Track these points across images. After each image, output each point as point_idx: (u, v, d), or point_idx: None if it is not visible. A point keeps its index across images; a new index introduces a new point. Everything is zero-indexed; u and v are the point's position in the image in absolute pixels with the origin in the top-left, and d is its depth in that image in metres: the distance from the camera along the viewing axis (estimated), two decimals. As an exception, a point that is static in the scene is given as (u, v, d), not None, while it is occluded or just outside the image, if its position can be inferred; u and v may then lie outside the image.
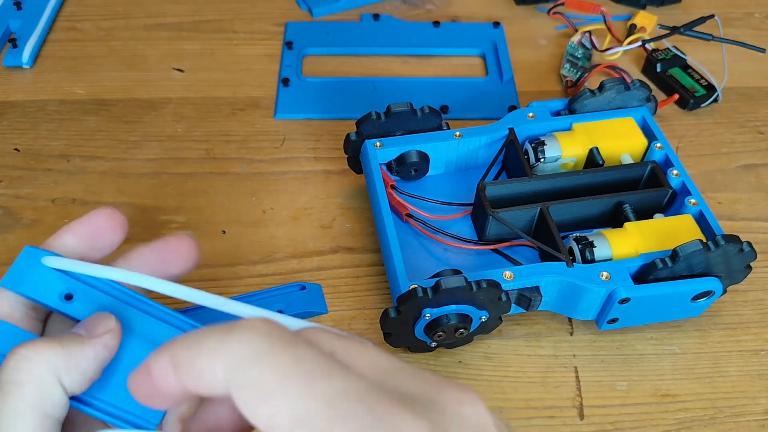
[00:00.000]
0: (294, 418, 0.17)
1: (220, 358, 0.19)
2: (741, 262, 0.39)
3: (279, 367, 0.18)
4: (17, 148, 0.51)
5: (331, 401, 0.17)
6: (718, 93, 0.55)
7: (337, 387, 0.18)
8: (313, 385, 0.18)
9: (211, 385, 0.19)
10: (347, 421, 0.17)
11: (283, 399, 0.18)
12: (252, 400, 0.18)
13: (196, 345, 0.19)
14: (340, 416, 0.17)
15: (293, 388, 0.18)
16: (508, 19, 0.62)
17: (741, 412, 0.39)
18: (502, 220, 0.41)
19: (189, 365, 0.19)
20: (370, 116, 0.44)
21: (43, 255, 0.26)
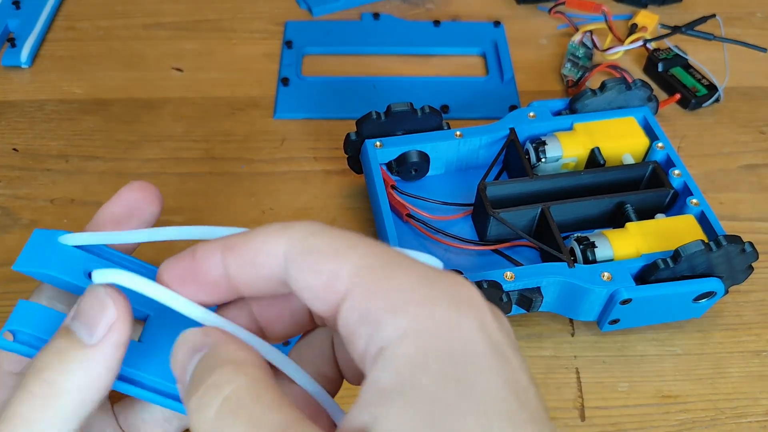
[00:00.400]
0: (360, 265, 0.19)
1: (281, 237, 0.20)
2: (743, 262, 0.39)
3: (338, 237, 0.20)
4: (16, 148, 0.51)
5: (392, 255, 0.19)
6: (719, 93, 0.54)
7: (391, 250, 0.20)
8: (376, 246, 0.19)
9: (267, 262, 0.20)
10: (410, 268, 0.19)
11: (346, 254, 0.19)
12: (315, 261, 0.19)
13: (254, 232, 0.20)
14: (404, 264, 0.19)
15: (358, 247, 0.19)
16: (509, 18, 0.62)
17: (743, 413, 0.39)
18: (502, 220, 0.40)
19: (244, 247, 0.20)
20: (370, 116, 0.44)
21: (54, 235, 0.24)
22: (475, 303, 0.18)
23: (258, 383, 0.19)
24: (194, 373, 0.20)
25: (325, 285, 0.19)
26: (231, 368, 0.19)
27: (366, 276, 0.18)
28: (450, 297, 0.18)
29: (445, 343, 0.17)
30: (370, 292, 0.18)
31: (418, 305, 0.17)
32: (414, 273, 0.18)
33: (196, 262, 0.21)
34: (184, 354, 0.20)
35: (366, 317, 0.18)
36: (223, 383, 0.18)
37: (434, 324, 0.17)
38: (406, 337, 0.17)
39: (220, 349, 0.20)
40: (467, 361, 0.17)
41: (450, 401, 0.16)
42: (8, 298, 0.42)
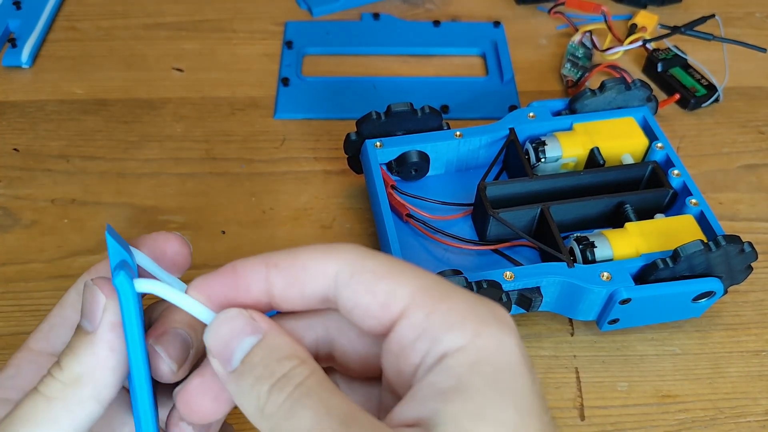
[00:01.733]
0: (414, 288, 0.21)
1: (331, 257, 0.22)
2: (742, 262, 0.39)
3: (389, 260, 0.22)
4: (16, 149, 0.51)
5: (439, 283, 0.22)
6: (719, 93, 0.54)
7: (438, 277, 0.22)
8: (424, 271, 0.22)
9: (315, 281, 0.22)
10: (458, 292, 0.21)
11: (402, 276, 0.21)
12: (371, 280, 0.21)
13: (301, 250, 0.22)
14: (452, 289, 0.21)
15: (410, 271, 0.22)
16: (509, 18, 0.62)
17: (742, 412, 0.39)
18: (502, 220, 0.41)
19: (292, 264, 0.22)
20: (370, 116, 0.44)
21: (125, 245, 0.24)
22: (511, 325, 0.21)
23: (321, 375, 0.21)
24: (251, 359, 0.21)
25: (382, 305, 0.21)
26: (296, 362, 0.21)
27: (423, 297, 0.21)
28: (495, 318, 0.21)
29: (493, 355, 0.20)
30: (429, 313, 0.21)
31: (472, 324, 0.21)
32: (462, 297, 0.21)
33: (237, 278, 0.22)
34: (230, 334, 0.21)
35: (425, 333, 0.21)
36: (294, 375, 0.20)
37: (485, 340, 0.20)
38: (464, 349, 0.20)
39: (278, 339, 0.22)
40: (510, 370, 0.20)
41: (497, 400, 0.20)
42: (8, 298, 0.42)
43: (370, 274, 0.21)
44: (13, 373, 0.26)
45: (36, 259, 0.44)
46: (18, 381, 0.26)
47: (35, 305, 0.42)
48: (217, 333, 0.22)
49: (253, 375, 0.21)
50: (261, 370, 0.21)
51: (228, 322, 0.22)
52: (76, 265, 0.44)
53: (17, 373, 0.26)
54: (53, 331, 0.27)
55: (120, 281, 0.22)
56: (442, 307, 0.21)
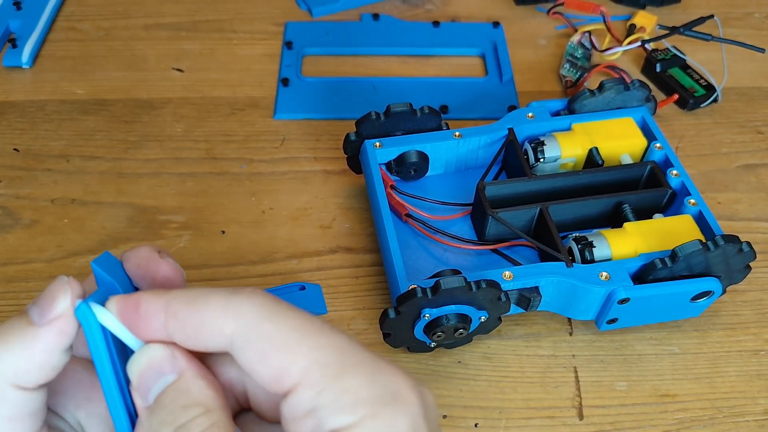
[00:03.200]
0: (309, 363, 0.20)
1: (229, 314, 0.21)
2: (740, 262, 0.39)
3: (292, 324, 0.21)
4: (17, 148, 0.51)
5: (342, 351, 0.21)
6: (717, 93, 0.55)
7: (344, 341, 0.21)
8: (326, 337, 0.21)
9: (212, 339, 0.21)
10: (356, 368, 0.20)
11: (298, 348, 0.20)
12: (266, 350, 0.20)
13: (202, 301, 0.21)
14: (351, 363, 0.21)
15: (309, 339, 0.21)
16: (508, 19, 0.62)
17: (740, 412, 0.39)
18: (501, 220, 0.41)
19: (189, 318, 0.21)
20: (370, 116, 0.44)
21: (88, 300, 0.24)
22: (409, 403, 0.21)
23: (221, 428, 0.21)
24: (162, 399, 0.21)
25: (275, 377, 0.21)
26: (199, 411, 0.21)
27: (316, 375, 0.20)
28: (390, 396, 0.20)
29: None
30: (320, 391, 0.20)
31: (363, 407, 0.20)
32: (360, 372, 0.20)
33: (139, 317, 0.22)
34: (148, 369, 0.22)
35: (313, 412, 0.20)
36: (194, 426, 0.21)
37: (377, 424, 0.20)
38: (350, 429, 0.20)
39: (190, 383, 0.22)
40: None
41: None
42: (8, 298, 0.43)
43: (265, 342, 0.21)
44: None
45: (36, 258, 0.44)
46: None
47: (35, 305, 0.42)
48: (138, 366, 0.22)
49: (160, 417, 0.21)
50: (166, 414, 0.21)
51: (148, 358, 0.22)
52: (76, 265, 0.44)
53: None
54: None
55: (81, 311, 0.22)
56: (334, 387, 0.20)
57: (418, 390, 0.21)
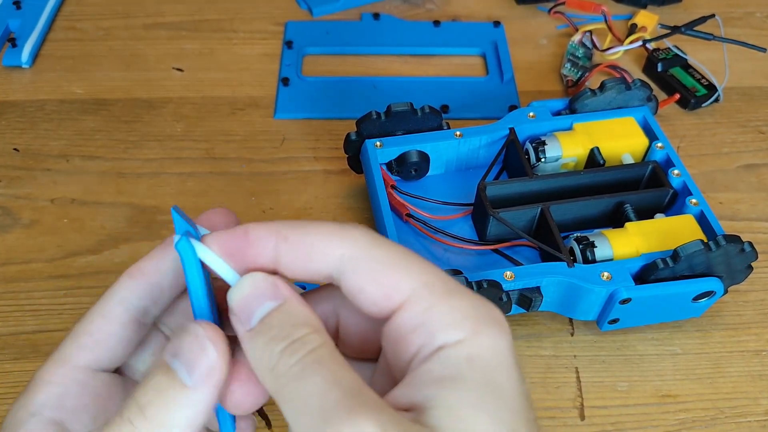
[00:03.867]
0: (418, 282, 0.21)
1: (340, 238, 0.22)
2: (742, 262, 0.39)
3: (399, 251, 0.22)
4: (16, 148, 0.51)
5: (445, 277, 0.22)
6: (719, 93, 0.54)
7: (441, 273, 0.22)
8: (430, 265, 0.22)
9: (322, 261, 0.22)
10: (460, 291, 0.22)
11: (407, 269, 0.22)
12: (377, 270, 0.22)
13: (313, 226, 0.22)
14: (455, 287, 0.22)
15: (416, 264, 0.22)
16: (509, 18, 0.62)
17: (742, 412, 0.39)
18: (502, 220, 0.41)
19: (301, 241, 0.22)
20: (371, 116, 0.44)
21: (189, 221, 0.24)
22: (507, 328, 0.22)
23: (332, 347, 0.21)
24: (268, 321, 0.22)
25: (384, 295, 0.22)
26: (309, 330, 0.21)
27: (425, 293, 0.21)
28: (493, 320, 0.22)
29: (489, 353, 0.21)
30: (428, 307, 0.21)
31: (471, 323, 0.21)
32: (464, 296, 0.22)
33: (248, 244, 0.23)
34: (252, 296, 0.22)
35: (422, 326, 0.21)
36: (307, 341, 0.21)
37: (482, 339, 0.21)
38: (462, 343, 0.21)
39: (296, 307, 0.22)
40: (503, 371, 0.21)
41: (493, 395, 0.20)
42: (8, 298, 0.42)
43: (376, 263, 0.22)
44: (61, 392, 0.24)
45: (36, 258, 0.44)
46: (67, 401, 0.24)
47: (35, 305, 0.42)
48: (241, 293, 0.22)
49: (269, 335, 0.21)
50: (276, 332, 0.21)
51: (252, 285, 0.22)
52: (76, 265, 0.44)
53: (65, 393, 0.24)
54: (99, 346, 0.25)
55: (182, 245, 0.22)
56: (442, 305, 0.21)
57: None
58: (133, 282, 0.25)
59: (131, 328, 0.25)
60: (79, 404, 0.24)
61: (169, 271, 0.25)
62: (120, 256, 0.44)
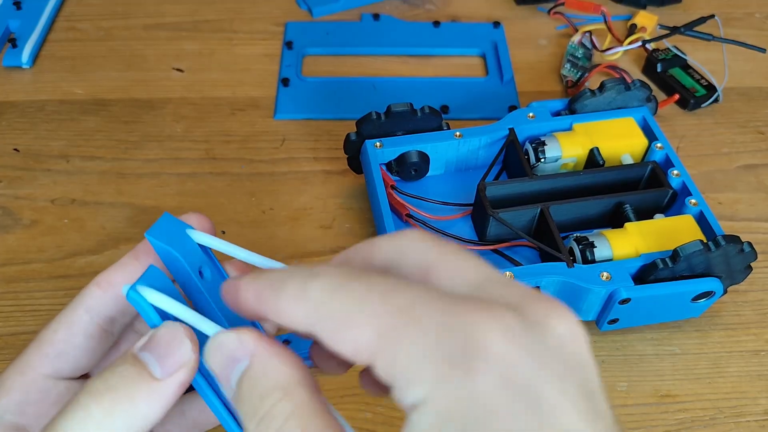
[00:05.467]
0: (374, 334, 0.18)
1: (302, 302, 0.20)
2: (741, 262, 0.39)
3: (356, 295, 0.19)
4: (17, 149, 0.51)
5: (403, 310, 0.18)
6: (718, 93, 0.54)
7: (408, 298, 0.19)
8: (385, 302, 0.19)
9: (294, 323, 0.20)
10: (421, 326, 0.18)
11: (361, 321, 0.19)
12: (335, 330, 0.19)
13: (281, 287, 0.20)
14: (415, 322, 0.18)
15: (369, 308, 0.19)
16: (509, 19, 0.62)
17: (741, 412, 0.39)
18: (502, 220, 0.41)
19: (273, 304, 0.20)
20: (370, 116, 0.44)
21: (182, 226, 0.25)
22: (495, 348, 0.17)
23: (303, 411, 0.19)
24: (241, 388, 0.20)
25: (353, 354, 0.19)
26: (278, 396, 0.20)
27: (385, 343, 0.18)
28: (464, 352, 0.17)
29: (460, 408, 0.17)
30: (389, 362, 0.18)
31: (432, 369, 0.17)
32: (429, 328, 0.18)
33: (239, 303, 0.22)
34: (222, 361, 0.21)
35: (393, 382, 0.18)
36: (274, 416, 0.19)
37: (448, 389, 0.17)
38: (424, 403, 0.17)
39: (262, 367, 0.20)
40: (485, 421, 0.17)
41: None
42: (8, 298, 0.42)
43: (333, 321, 0.19)
44: (22, 399, 0.24)
45: (36, 259, 0.44)
46: (29, 408, 0.24)
47: (35, 305, 0.42)
48: (212, 359, 0.21)
49: (244, 411, 0.20)
50: (247, 407, 0.20)
51: (217, 348, 0.21)
52: (76, 266, 0.44)
53: (26, 400, 0.24)
54: (62, 357, 0.25)
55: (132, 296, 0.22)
56: (402, 352, 0.18)
57: (510, 332, 0.18)
58: (101, 292, 0.25)
59: (97, 337, 0.25)
60: (41, 410, 0.24)
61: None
62: (120, 256, 0.44)
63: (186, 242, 0.25)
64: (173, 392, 0.21)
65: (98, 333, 0.25)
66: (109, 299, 0.25)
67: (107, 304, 0.25)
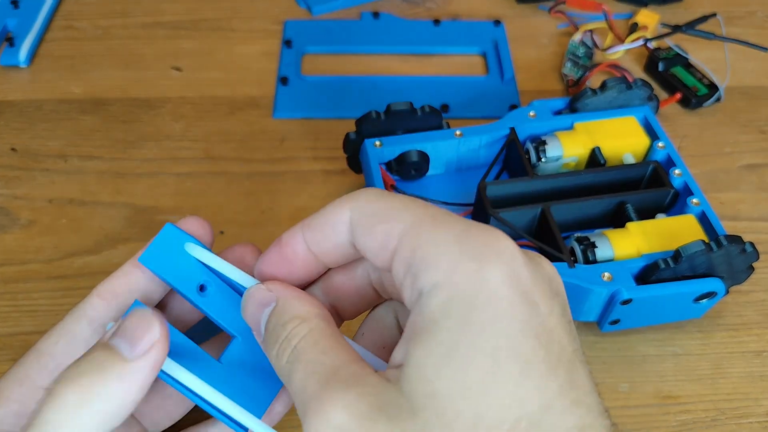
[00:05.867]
0: (406, 225, 0.21)
1: (345, 207, 0.23)
2: (743, 262, 0.38)
3: (392, 201, 0.22)
4: (14, 148, 0.50)
5: (436, 214, 0.21)
6: (720, 92, 0.54)
7: (438, 211, 0.22)
8: (423, 207, 0.22)
9: (336, 231, 0.23)
10: (447, 225, 0.20)
11: (398, 216, 0.21)
12: (373, 223, 0.22)
13: (324, 208, 0.23)
14: (442, 222, 0.21)
15: (407, 209, 0.21)
16: (509, 17, 0.62)
17: (744, 413, 0.39)
18: (503, 220, 0.40)
19: (318, 221, 0.23)
20: (370, 115, 0.43)
21: (183, 237, 0.25)
22: (505, 255, 0.20)
23: (317, 332, 0.22)
24: (268, 326, 0.23)
25: (381, 244, 0.21)
26: (297, 322, 0.22)
27: (411, 233, 0.21)
28: (480, 251, 0.20)
29: (469, 291, 0.19)
30: (413, 247, 0.20)
31: (449, 259, 0.20)
32: (452, 229, 0.20)
33: (282, 248, 0.24)
34: (253, 309, 0.23)
35: (410, 268, 0.20)
36: (292, 336, 0.22)
37: (461, 276, 0.19)
38: (436, 286, 0.19)
39: (285, 304, 0.23)
40: (487, 307, 0.19)
41: (465, 342, 0.18)
42: (6, 299, 0.42)
43: (371, 217, 0.22)
44: (19, 410, 0.24)
45: (34, 259, 0.44)
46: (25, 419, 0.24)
47: (33, 306, 0.42)
48: (246, 311, 0.24)
49: (269, 341, 0.22)
50: (271, 336, 0.22)
51: (250, 299, 0.23)
52: (74, 266, 0.44)
53: (24, 411, 0.24)
54: (61, 369, 0.24)
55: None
56: (425, 241, 0.20)
57: (516, 247, 0.20)
58: (103, 303, 0.25)
59: None
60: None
61: (138, 292, 0.25)
62: (118, 256, 0.44)
63: (183, 261, 0.25)
64: (146, 372, 0.22)
65: None
66: (112, 310, 0.25)
67: (109, 315, 0.25)
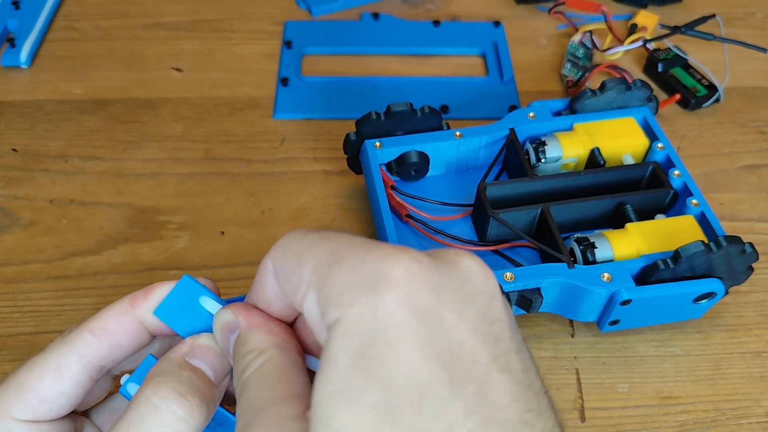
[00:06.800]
0: (311, 267, 0.21)
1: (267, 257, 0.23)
2: (743, 263, 0.39)
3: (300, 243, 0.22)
4: (15, 149, 0.50)
5: (336, 249, 0.21)
6: (719, 93, 0.54)
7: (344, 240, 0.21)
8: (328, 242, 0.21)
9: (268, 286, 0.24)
10: (345, 260, 0.20)
11: (305, 260, 0.21)
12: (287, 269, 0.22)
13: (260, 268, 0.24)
14: (341, 258, 0.20)
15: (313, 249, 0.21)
16: (509, 18, 0.62)
17: (743, 414, 0.39)
18: (502, 220, 0.40)
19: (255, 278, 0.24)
20: (370, 116, 0.44)
21: (199, 290, 0.26)
22: (400, 279, 0.19)
23: (269, 365, 0.22)
24: (234, 355, 0.24)
25: (295, 289, 0.21)
26: (253, 355, 0.23)
27: (316, 275, 0.21)
28: (375, 279, 0.19)
29: (366, 325, 0.19)
30: (318, 287, 0.20)
31: (349, 294, 0.19)
32: (351, 262, 0.20)
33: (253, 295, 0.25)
34: (221, 336, 0.25)
35: (318, 309, 0.20)
36: (246, 369, 0.23)
37: (358, 308, 0.19)
38: (337, 322, 0.19)
39: (246, 334, 0.24)
40: (383, 338, 0.18)
41: (359, 379, 0.18)
42: (6, 299, 0.42)
43: (284, 263, 0.22)
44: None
45: (34, 259, 0.44)
46: None
47: (33, 306, 0.42)
48: (217, 336, 0.25)
49: (234, 370, 0.24)
50: (235, 365, 0.23)
51: (216, 323, 0.25)
52: (74, 266, 0.44)
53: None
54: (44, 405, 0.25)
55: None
56: (329, 282, 0.20)
57: (416, 263, 0.20)
58: (96, 340, 0.25)
59: (84, 385, 0.25)
60: None
61: (130, 331, 0.26)
62: (119, 256, 0.44)
63: (197, 315, 0.26)
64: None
65: (86, 381, 0.25)
66: (104, 349, 0.25)
67: (101, 354, 0.25)
